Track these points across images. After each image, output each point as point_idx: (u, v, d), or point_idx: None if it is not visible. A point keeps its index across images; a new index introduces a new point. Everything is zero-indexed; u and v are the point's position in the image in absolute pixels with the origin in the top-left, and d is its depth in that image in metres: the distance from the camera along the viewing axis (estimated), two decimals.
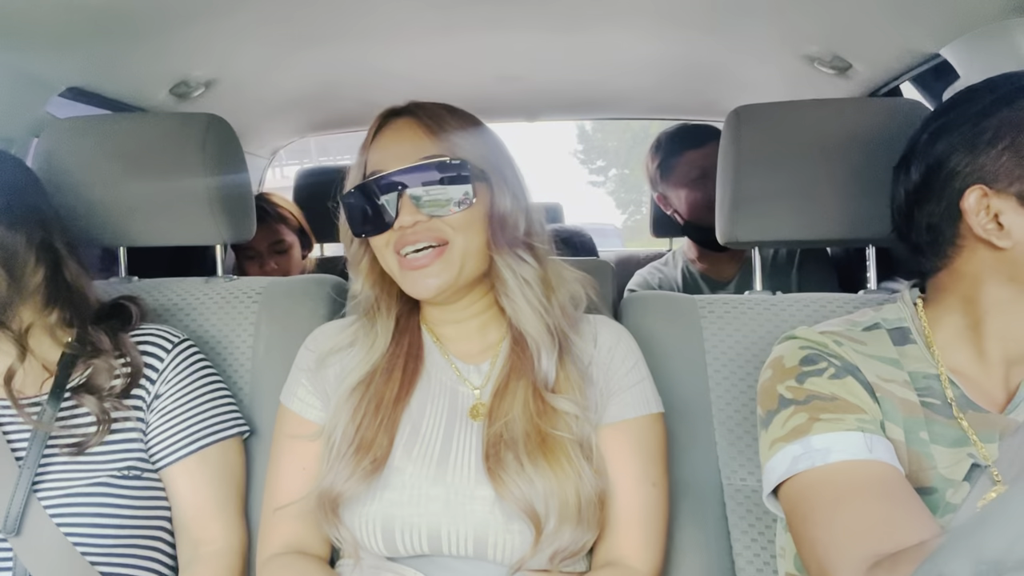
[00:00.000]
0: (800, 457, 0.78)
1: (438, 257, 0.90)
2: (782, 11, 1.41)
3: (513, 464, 0.86)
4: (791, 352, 0.87)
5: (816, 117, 1.17)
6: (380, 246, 0.94)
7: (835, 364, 0.83)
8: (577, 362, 0.95)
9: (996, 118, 0.80)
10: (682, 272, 1.98)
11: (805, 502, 0.77)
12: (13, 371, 0.96)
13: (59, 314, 1.01)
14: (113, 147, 1.24)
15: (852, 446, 0.77)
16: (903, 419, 0.81)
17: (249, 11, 1.35)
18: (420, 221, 0.90)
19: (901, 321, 0.89)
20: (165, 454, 1.00)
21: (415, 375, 0.96)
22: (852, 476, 0.75)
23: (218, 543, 1.00)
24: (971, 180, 0.81)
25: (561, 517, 0.84)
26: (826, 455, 0.77)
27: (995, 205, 0.79)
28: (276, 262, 1.99)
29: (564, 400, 0.90)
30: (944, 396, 0.83)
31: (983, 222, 0.80)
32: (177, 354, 1.04)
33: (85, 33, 1.29)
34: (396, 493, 0.88)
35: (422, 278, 0.91)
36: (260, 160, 2.50)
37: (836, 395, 0.81)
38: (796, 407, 0.82)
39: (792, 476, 0.79)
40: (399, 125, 0.96)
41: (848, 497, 0.74)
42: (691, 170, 1.88)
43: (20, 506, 0.90)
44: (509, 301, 0.95)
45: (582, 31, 1.60)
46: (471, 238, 0.92)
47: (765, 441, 0.85)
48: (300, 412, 0.98)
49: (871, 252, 1.22)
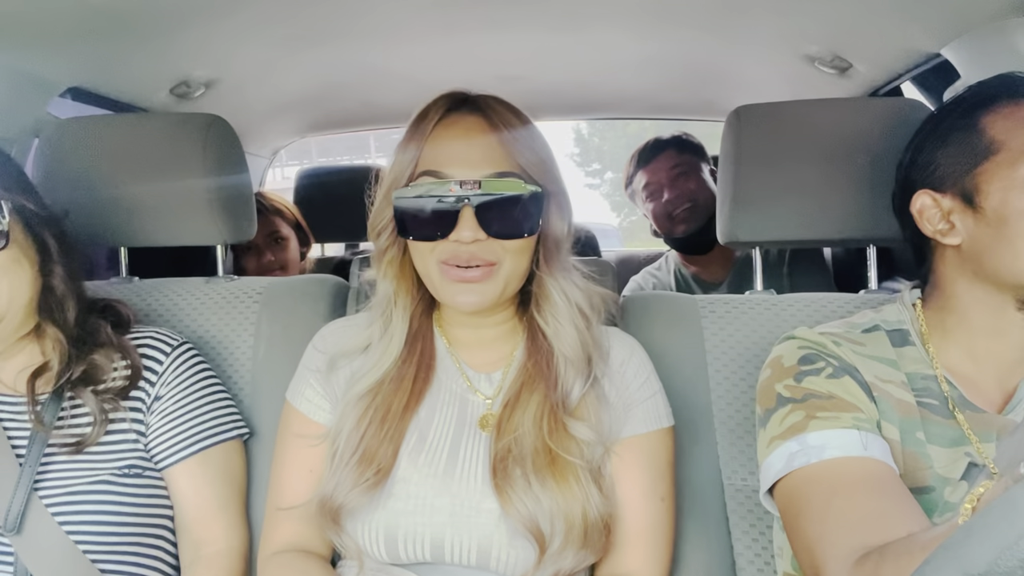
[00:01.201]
0: (796, 454, 0.79)
1: (486, 277, 0.87)
2: (782, 11, 1.41)
3: (521, 481, 0.85)
4: (790, 352, 0.88)
5: (816, 117, 1.17)
6: (424, 251, 0.89)
7: (833, 364, 0.84)
8: (596, 384, 0.92)
9: (948, 122, 0.85)
10: (675, 275, 2.00)
11: (800, 498, 0.78)
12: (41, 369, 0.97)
13: (59, 312, 1.00)
14: (114, 147, 1.24)
15: (847, 443, 0.77)
16: (899, 419, 0.82)
17: (249, 11, 1.35)
18: (480, 240, 0.85)
19: (901, 323, 0.90)
20: (167, 454, 1.00)
21: (426, 383, 0.94)
22: (846, 472, 0.76)
23: (219, 544, 1.00)
24: (922, 184, 0.87)
25: (566, 539, 0.83)
26: (821, 452, 0.78)
27: (946, 205, 0.84)
28: (273, 254, 1.99)
29: (582, 426, 0.88)
30: (942, 396, 0.83)
31: (934, 224, 0.85)
32: (176, 356, 1.04)
33: (86, 33, 1.29)
34: (401, 502, 0.87)
35: (465, 293, 0.87)
36: (261, 160, 2.50)
37: (833, 394, 0.82)
38: (793, 405, 0.82)
39: (788, 474, 0.79)
40: (466, 123, 0.89)
41: (841, 492, 0.75)
42: (645, 187, 1.97)
43: (21, 504, 0.90)
44: (554, 321, 0.92)
45: (582, 31, 1.60)
46: (520, 261, 0.89)
47: (763, 439, 0.85)
48: (308, 413, 0.97)
49: (871, 252, 1.22)
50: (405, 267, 0.95)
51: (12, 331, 0.97)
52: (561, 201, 0.93)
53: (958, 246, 0.84)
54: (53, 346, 0.98)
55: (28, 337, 1.00)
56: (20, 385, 0.97)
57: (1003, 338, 0.84)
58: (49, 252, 0.98)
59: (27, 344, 1.00)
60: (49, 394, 0.97)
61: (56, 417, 0.95)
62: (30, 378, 0.96)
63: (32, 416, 0.95)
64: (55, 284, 0.98)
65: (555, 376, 0.90)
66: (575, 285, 0.94)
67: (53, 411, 0.95)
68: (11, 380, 0.98)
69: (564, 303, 0.92)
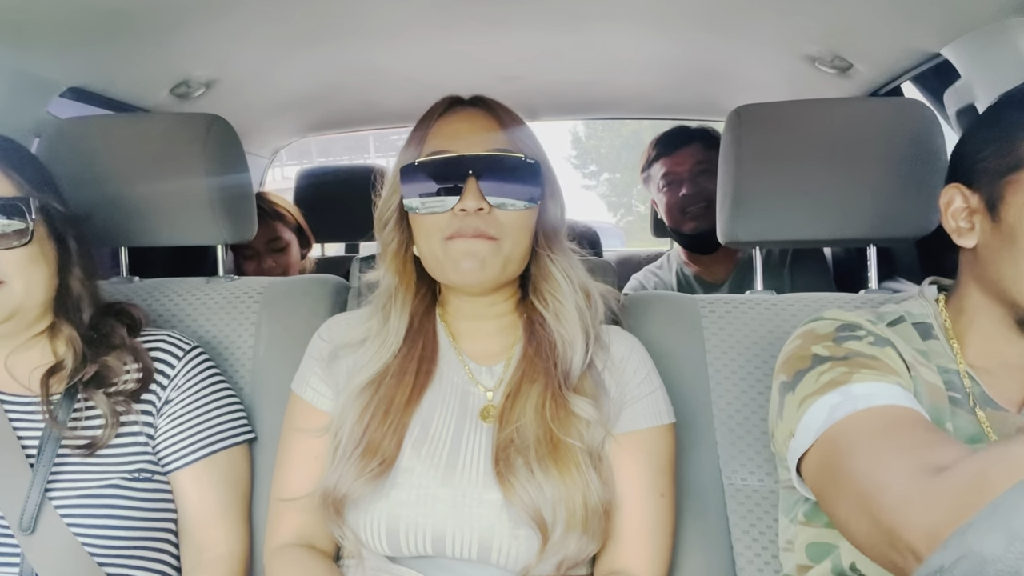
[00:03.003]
0: (839, 405, 0.73)
1: (489, 246, 0.89)
2: (783, 11, 1.41)
3: (523, 469, 0.86)
4: (825, 325, 0.86)
5: (817, 117, 1.17)
6: (431, 229, 0.91)
7: (874, 334, 0.82)
8: (593, 371, 0.94)
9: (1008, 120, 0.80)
10: (676, 275, 1.99)
11: (846, 444, 0.70)
12: (55, 368, 0.97)
13: (74, 312, 1.01)
14: (114, 147, 1.24)
15: (897, 395, 0.73)
16: (929, 404, 0.80)
17: (250, 11, 1.35)
18: (483, 209, 0.88)
19: (924, 316, 0.89)
20: (174, 458, 1.00)
21: (428, 377, 0.95)
22: (899, 416, 0.70)
23: (220, 548, 1.00)
24: (957, 175, 0.84)
25: (568, 525, 0.84)
26: (870, 399, 0.71)
27: (972, 203, 0.82)
28: (274, 260, 1.99)
29: (583, 402, 0.90)
30: (964, 391, 0.82)
31: (958, 220, 0.82)
32: (188, 360, 1.04)
33: (86, 33, 1.29)
34: (404, 492, 0.87)
35: (468, 258, 0.89)
36: (261, 160, 2.50)
37: (877, 356, 0.79)
38: (834, 363, 0.78)
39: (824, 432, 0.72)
40: (468, 113, 0.96)
41: (895, 428, 0.69)
42: (663, 176, 1.94)
43: (35, 506, 0.90)
44: (553, 301, 0.95)
45: (582, 31, 1.60)
46: (519, 241, 0.92)
47: (792, 402, 0.79)
48: (312, 401, 0.98)
49: (871, 252, 1.22)
50: (407, 262, 0.97)
51: (26, 327, 0.98)
52: (555, 189, 0.98)
53: (972, 249, 0.82)
54: (67, 345, 0.99)
55: (42, 335, 1.01)
56: (34, 384, 0.97)
57: (1010, 347, 0.83)
58: (69, 252, 0.99)
59: (41, 342, 1.01)
60: (61, 394, 0.97)
61: (69, 418, 0.95)
62: (44, 376, 0.97)
63: (46, 414, 0.95)
64: (72, 284, 0.99)
65: (555, 358, 0.92)
66: (578, 266, 0.97)
67: (66, 411, 0.96)
68: (25, 378, 0.99)
69: (565, 281, 0.95)
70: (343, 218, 2.01)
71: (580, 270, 0.98)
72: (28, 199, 0.94)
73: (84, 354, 0.98)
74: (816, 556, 0.86)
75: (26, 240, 0.93)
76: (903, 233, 1.13)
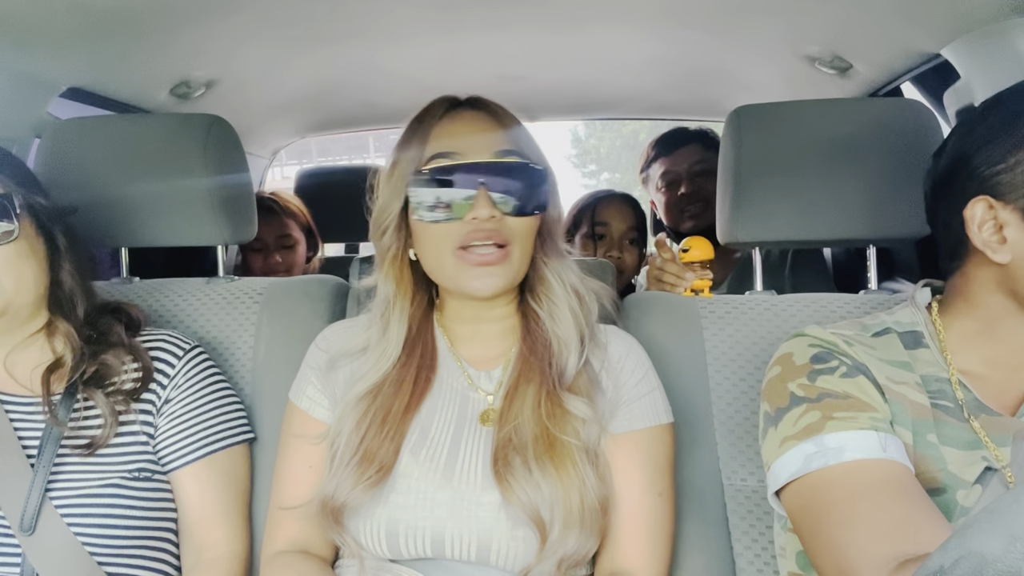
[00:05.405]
0: (813, 456, 0.77)
1: (502, 259, 0.89)
2: (783, 11, 1.41)
3: (521, 469, 0.86)
4: (801, 349, 0.86)
5: (817, 117, 1.17)
6: (440, 238, 0.90)
7: (846, 363, 0.83)
8: (589, 369, 0.94)
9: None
10: None
11: (820, 502, 0.76)
12: (54, 366, 0.97)
13: (68, 307, 1.01)
14: (114, 148, 1.24)
15: (866, 445, 0.76)
16: (912, 421, 0.80)
17: (249, 11, 1.35)
18: (495, 216, 0.88)
19: (914, 325, 0.88)
20: (174, 457, 1.00)
21: (427, 384, 0.95)
22: (867, 475, 0.74)
23: (220, 548, 1.00)
24: (983, 189, 0.78)
25: (565, 523, 0.84)
26: (840, 454, 0.75)
27: (1002, 217, 0.77)
28: (281, 256, 2.00)
29: (577, 401, 0.90)
30: (956, 400, 0.81)
31: (985, 235, 0.78)
32: (188, 360, 1.04)
33: (86, 34, 1.29)
34: (403, 497, 0.87)
35: (483, 277, 0.88)
36: (261, 160, 2.50)
37: (848, 393, 0.80)
38: (808, 405, 0.80)
39: (803, 475, 0.77)
40: (470, 116, 0.94)
41: (865, 496, 0.73)
42: (662, 176, 1.96)
43: (36, 506, 0.90)
44: (548, 303, 0.95)
45: (582, 31, 1.60)
46: (527, 244, 0.92)
47: (774, 439, 0.83)
48: (308, 410, 0.98)
49: (871, 252, 1.22)
50: (404, 267, 0.96)
51: (20, 325, 0.99)
52: (556, 193, 0.98)
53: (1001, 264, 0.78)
54: (65, 342, 0.99)
55: (40, 333, 1.01)
56: (34, 384, 0.97)
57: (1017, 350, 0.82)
58: (57, 247, 1.00)
59: (39, 340, 1.01)
60: (61, 394, 0.97)
61: (69, 417, 0.96)
62: (44, 374, 0.97)
63: (47, 412, 0.95)
64: (63, 279, 1.00)
65: (550, 357, 0.92)
66: (569, 269, 0.97)
67: (66, 410, 0.96)
68: (25, 378, 0.99)
69: (558, 283, 0.95)
70: (343, 218, 2.00)
71: (572, 272, 0.98)
72: (11, 195, 0.94)
73: (83, 351, 0.98)
74: (805, 565, 0.87)
75: (12, 237, 0.93)
76: (903, 233, 1.13)
